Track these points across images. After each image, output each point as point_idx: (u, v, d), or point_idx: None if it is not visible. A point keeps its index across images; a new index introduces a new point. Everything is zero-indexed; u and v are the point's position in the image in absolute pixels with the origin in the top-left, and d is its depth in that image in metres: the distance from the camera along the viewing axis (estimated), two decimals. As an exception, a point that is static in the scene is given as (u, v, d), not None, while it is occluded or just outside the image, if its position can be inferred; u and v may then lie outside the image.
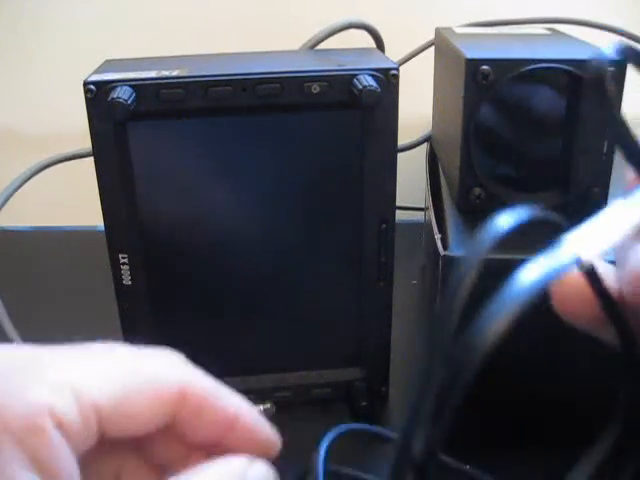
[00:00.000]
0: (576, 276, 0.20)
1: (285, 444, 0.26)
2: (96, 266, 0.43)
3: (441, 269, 0.36)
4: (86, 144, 0.38)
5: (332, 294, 0.42)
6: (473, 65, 0.36)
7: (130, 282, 0.39)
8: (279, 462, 0.25)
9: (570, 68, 0.36)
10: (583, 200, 0.39)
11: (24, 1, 0.68)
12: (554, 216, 0.17)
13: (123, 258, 0.39)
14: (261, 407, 0.39)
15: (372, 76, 0.36)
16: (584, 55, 0.38)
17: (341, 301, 0.42)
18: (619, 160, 0.39)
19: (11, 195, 0.50)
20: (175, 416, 0.23)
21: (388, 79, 0.36)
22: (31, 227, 0.72)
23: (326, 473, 0.30)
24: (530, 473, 0.38)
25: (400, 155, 0.39)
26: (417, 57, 0.61)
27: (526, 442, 0.39)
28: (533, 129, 0.41)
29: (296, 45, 0.49)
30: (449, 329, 0.15)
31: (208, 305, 0.41)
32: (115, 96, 0.34)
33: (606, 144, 0.38)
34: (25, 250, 0.67)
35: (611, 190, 0.39)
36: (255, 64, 0.38)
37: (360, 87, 0.35)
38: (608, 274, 0.20)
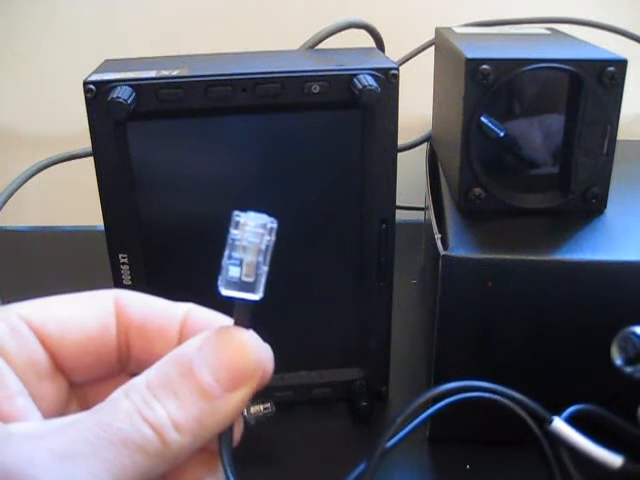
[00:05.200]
0: None
1: (285, 444, 0.26)
2: (96, 266, 0.43)
3: (441, 269, 0.36)
4: (86, 144, 0.38)
5: (332, 294, 0.42)
6: (473, 65, 0.36)
7: (130, 282, 0.39)
8: None
9: (570, 68, 0.36)
10: (583, 200, 0.39)
11: (24, 1, 0.68)
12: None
13: (123, 258, 0.39)
14: (261, 407, 0.39)
15: (372, 76, 0.36)
16: (584, 55, 0.38)
17: (341, 301, 0.42)
18: (619, 160, 0.39)
19: (11, 195, 0.50)
20: (120, 329, 0.23)
21: (388, 79, 0.36)
22: (31, 227, 0.72)
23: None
24: (530, 473, 0.38)
25: (400, 155, 0.39)
26: (417, 57, 0.61)
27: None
28: (533, 128, 0.41)
29: (296, 45, 0.49)
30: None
31: (208, 305, 0.41)
32: (115, 96, 0.34)
33: (606, 144, 0.38)
34: (25, 250, 0.67)
35: (611, 190, 0.39)
36: (255, 64, 0.38)
37: (360, 87, 0.35)
38: None
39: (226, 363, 0.21)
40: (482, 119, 0.38)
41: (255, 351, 0.21)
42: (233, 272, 0.21)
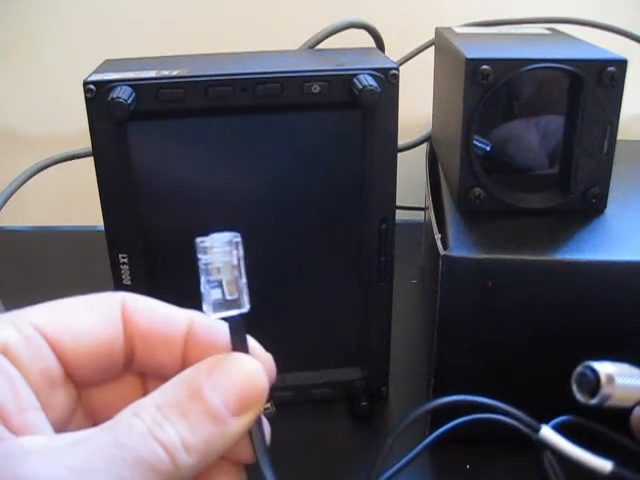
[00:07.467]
0: None
1: (285, 444, 0.26)
2: (96, 266, 0.43)
3: (441, 269, 0.36)
4: (86, 144, 0.38)
5: (332, 294, 0.42)
6: (473, 65, 0.36)
7: (130, 282, 0.39)
8: None
9: (570, 68, 0.36)
10: (583, 200, 0.39)
11: (25, 1, 0.68)
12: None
13: (123, 258, 0.39)
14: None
15: (372, 76, 0.36)
16: (584, 55, 0.38)
17: (341, 301, 0.42)
18: (619, 160, 0.39)
19: (11, 195, 0.50)
20: (127, 335, 0.23)
21: (388, 79, 0.36)
22: (31, 227, 0.72)
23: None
24: (529, 473, 0.38)
25: (400, 155, 0.39)
26: (417, 57, 0.61)
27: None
28: (532, 128, 0.41)
29: (296, 45, 0.49)
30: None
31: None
32: (115, 96, 0.34)
33: (606, 144, 0.38)
34: (25, 250, 0.67)
35: (611, 190, 0.39)
36: (255, 64, 0.38)
37: (360, 87, 0.35)
38: None
39: (235, 389, 0.21)
40: None
41: (263, 378, 0.22)
42: (215, 295, 0.22)
